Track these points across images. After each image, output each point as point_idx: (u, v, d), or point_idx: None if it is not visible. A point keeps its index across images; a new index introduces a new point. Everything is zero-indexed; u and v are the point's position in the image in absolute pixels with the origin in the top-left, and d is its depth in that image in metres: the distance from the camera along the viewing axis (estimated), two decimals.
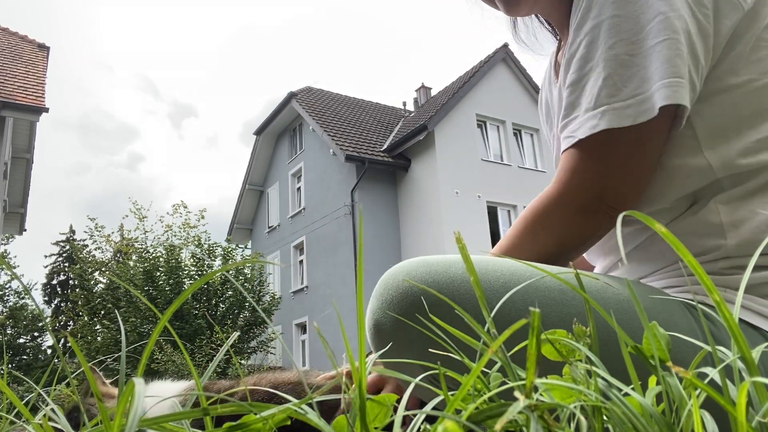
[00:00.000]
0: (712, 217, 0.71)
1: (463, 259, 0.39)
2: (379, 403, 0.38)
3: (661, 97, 0.65)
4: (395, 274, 0.69)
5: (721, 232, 0.70)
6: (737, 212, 0.70)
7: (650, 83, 0.67)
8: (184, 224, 19.06)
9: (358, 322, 0.35)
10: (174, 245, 16.02)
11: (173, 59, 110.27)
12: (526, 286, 0.65)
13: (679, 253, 0.30)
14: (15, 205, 12.94)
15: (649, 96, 0.66)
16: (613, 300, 0.66)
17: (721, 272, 0.70)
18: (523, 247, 0.75)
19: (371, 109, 19.46)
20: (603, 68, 0.70)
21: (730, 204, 0.71)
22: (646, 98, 0.67)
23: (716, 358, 0.34)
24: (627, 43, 0.69)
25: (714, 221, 0.71)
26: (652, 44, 0.67)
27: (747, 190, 0.71)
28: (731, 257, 0.70)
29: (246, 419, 0.35)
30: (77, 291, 24.07)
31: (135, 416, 0.26)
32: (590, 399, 0.32)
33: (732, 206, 0.70)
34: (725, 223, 0.70)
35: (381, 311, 0.68)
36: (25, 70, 11.11)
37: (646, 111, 0.67)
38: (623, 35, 0.69)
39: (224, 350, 0.44)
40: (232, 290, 14.72)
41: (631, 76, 0.68)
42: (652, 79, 0.66)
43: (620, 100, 0.68)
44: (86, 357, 4.13)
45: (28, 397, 0.53)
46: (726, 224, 0.70)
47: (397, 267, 0.70)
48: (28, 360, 26.92)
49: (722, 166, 0.71)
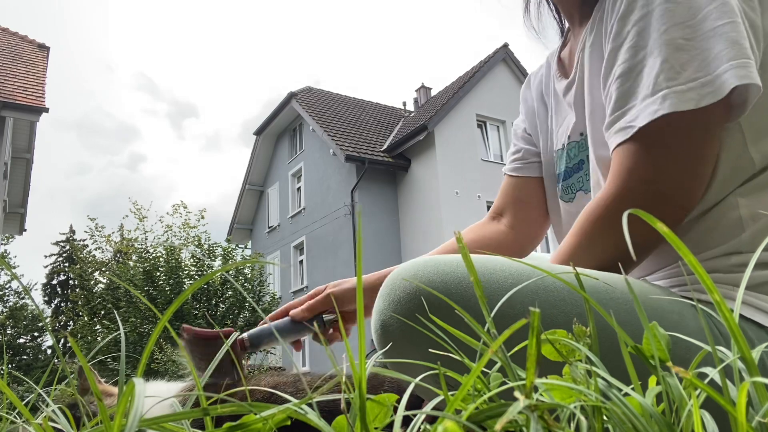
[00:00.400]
0: (732, 211, 0.70)
1: (463, 259, 0.39)
2: (379, 403, 0.38)
3: (732, 77, 0.63)
4: (402, 274, 0.68)
5: (740, 225, 0.70)
6: (756, 204, 0.69)
7: (715, 65, 0.64)
8: (184, 224, 19.08)
9: (358, 322, 0.35)
10: (174, 245, 16.03)
11: (174, 59, 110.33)
12: (534, 286, 0.64)
13: (680, 252, 0.30)
14: (15, 206, 12.95)
15: (713, 79, 0.64)
16: (621, 300, 0.65)
17: (731, 270, 0.70)
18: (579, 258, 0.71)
19: (371, 109, 19.47)
20: (659, 53, 0.67)
21: (749, 196, 0.70)
22: (709, 81, 0.64)
23: (716, 358, 0.34)
24: (683, 27, 0.67)
25: (733, 215, 0.70)
26: (713, 26, 0.65)
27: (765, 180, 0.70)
28: (743, 252, 0.69)
29: (246, 419, 0.35)
30: (77, 291, 24.10)
31: (135, 416, 0.26)
32: (590, 399, 0.32)
33: (751, 198, 0.70)
34: (744, 217, 0.69)
35: (388, 312, 0.67)
36: (25, 70, 11.11)
37: (710, 94, 0.64)
38: (677, 19, 0.67)
39: (224, 350, 0.44)
40: (232, 290, 14.72)
41: (690, 60, 0.66)
42: (717, 61, 0.64)
43: (680, 83, 0.65)
44: (86, 357, 4.12)
45: (29, 398, 0.53)
46: (744, 217, 0.69)
47: (403, 267, 0.70)
48: (28, 360, 26.93)
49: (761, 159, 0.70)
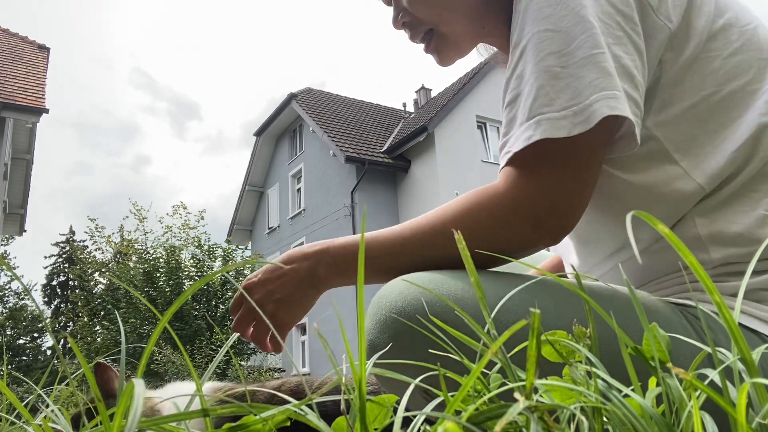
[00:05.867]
0: (689, 231, 0.70)
1: (463, 260, 0.39)
2: (379, 405, 0.38)
3: (604, 107, 0.64)
4: (388, 293, 0.68)
5: (701, 245, 0.70)
6: (715, 224, 0.69)
7: (587, 93, 0.65)
8: (184, 225, 19.07)
9: (358, 323, 0.35)
10: (174, 246, 16.02)
11: (174, 59, 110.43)
12: (532, 291, 0.65)
13: (681, 254, 0.30)
14: (15, 206, 12.94)
15: (584, 108, 0.65)
16: (613, 304, 0.66)
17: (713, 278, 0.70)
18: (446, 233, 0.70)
19: (371, 110, 19.47)
20: (535, 80, 0.68)
21: (707, 216, 0.70)
22: (581, 110, 0.65)
23: (716, 360, 0.34)
24: (559, 55, 0.67)
25: (691, 234, 0.70)
26: (587, 54, 0.66)
27: (720, 199, 0.70)
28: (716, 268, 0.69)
29: (246, 420, 0.35)
30: (77, 292, 24.09)
31: (135, 417, 0.26)
32: (590, 400, 0.32)
33: (708, 218, 0.70)
34: (703, 236, 0.70)
35: (375, 332, 0.67)
36: (25, 71, 11.12)
37: (582, 123, 0.64)
38: (554, 48, 0.68)
39: (224, 351, 0.44)
40: (232, 291, 14.71)
41: (565, 87, 0.66)
42: (589, 89, 0.65)
43: (555, 110, 0.66)
44: (86, 358, 4.16)
45: (28, 399, 0.53)
46: (705, 237, 0.70)
47: (389, 285, 0.69)
48: (28, 361, 26.92)
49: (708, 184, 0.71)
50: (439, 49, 0.93)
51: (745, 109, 0.72)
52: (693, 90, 0.72)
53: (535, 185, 0.68)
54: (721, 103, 0.72)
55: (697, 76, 0.72)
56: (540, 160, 0.68)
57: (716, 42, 0.73)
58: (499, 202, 0.70)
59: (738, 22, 0.75)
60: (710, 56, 0.72)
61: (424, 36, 0.93)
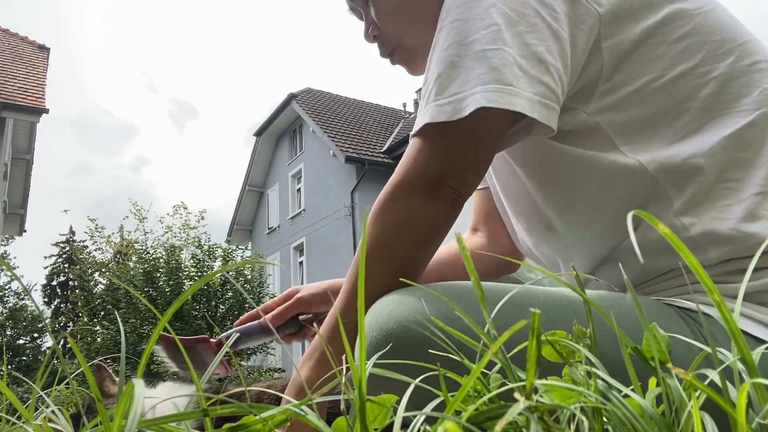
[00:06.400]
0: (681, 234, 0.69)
1: (464, 260, 0.39)
2: (379, 405, 0.38)
3: (480, 99, 0.67)
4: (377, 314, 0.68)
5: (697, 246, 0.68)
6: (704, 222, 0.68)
7: (471, 85, 0.68)
8: (184, 225, 19.07)
9: (358, 323, 0.35)
10: (174, 246, 16.02)
11: (175, 59, 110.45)
12: (529, 296, 0.65)
13: (681, 253, 0.30)
14: (15, 206, 12.95)
15: (465, 96, 0.68)
16: (614, 307, 0.65)
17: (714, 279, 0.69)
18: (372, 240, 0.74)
19: (371, 110, 19.48)
20: (436, 67, 0.73)
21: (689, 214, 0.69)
22: (463, 98, 0.68)
23: (716, 360, 0.34)
24: (458, 45, 0.71)
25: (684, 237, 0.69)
26: (481, 49, 0.69)
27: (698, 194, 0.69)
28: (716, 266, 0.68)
29: (245, 420, 0.35)
30: (77, 292, 24.09)
31: (135, 417, 0.26)
32: (590, 400, 0.32)
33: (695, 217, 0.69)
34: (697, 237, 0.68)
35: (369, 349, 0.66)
36: (25, 71, 11.12)
37: (461, 110, 0.68)
38: (456, 38, 0.72)
39: (224, 351, 0.44)
40: (232, 291, 14.72)
41: (457, 77, 0.70)
42: (473, 82, 0.68)
43: (443, 98, 0.70)
44: (86, 358, 4.13)
45: (29, 400, 0.53)
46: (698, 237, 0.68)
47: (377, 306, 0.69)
48: (28, 361, 26.92)
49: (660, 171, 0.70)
50: (406, 60, 0.98)
51: (695, 92, 0.71)
52: (635, 76, 0.72)
53: (423, 158, 0.73)
54: (665, 87, 0.72)
55: (640, 62, 0.73)
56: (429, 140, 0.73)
57: (663, 28, 0.73)
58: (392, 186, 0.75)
59: (688, 5, 0.75)
60: (655, 41, 0.73)
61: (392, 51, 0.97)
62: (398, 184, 0.74)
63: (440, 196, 0.73)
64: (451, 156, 0.73)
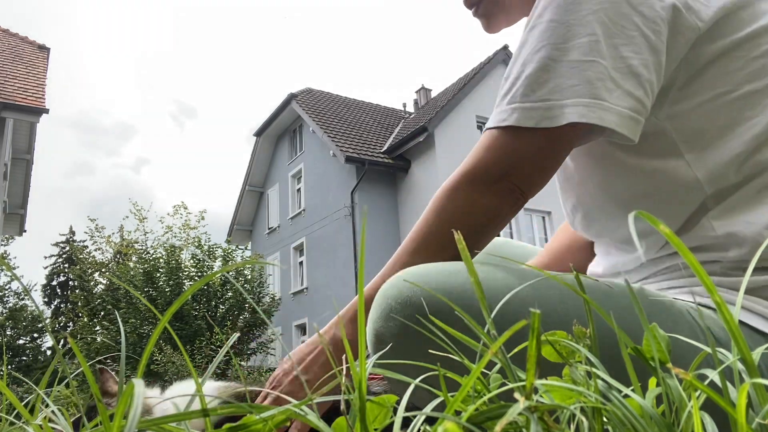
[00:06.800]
0: (707, 233, 0.71)
1: (464, 260, 0.39)
2: (379, 405, 0.38)
3: (574, 113, 0.67)
4: (395, 283, 0.68)
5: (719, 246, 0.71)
6: (733, 225, 0.70)
7: (565, 95, 0.68)
8: (184, 225, 19.08)
9: (358, 323, 0.35)
10: (174, 246, 16.02)
11: (175, 59, 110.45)
12: (534, 288, 0.64)
13: (680, 252, 0.30)
14: (15, 206, 12.94)
15: (557, 105, 0.68)
16: (618, 304, 0.65)
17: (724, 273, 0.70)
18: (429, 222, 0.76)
19: (371, 110, 19.47)
20: (527, 65, 0.72)
21: (723, 218, 0.71)
22: (553, 106, 0.68)
23: (716, 360, 0.34)
24: (554, 48, 0.71)
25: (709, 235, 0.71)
26: (578, 59, 0.69)
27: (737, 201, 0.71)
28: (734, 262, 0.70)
29: (246, 420, 0.35)
30: (77, 292, 24.09)
31: (135, 417, 0.26)
32: (590, 400, 0.32)
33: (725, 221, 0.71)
34: (721, 236, 0.70)
35: (380, 321, 0.67)
36: (25, 72, 11.12)
37: (550, 119, 0.68)
38: (552, 40, 0.71)
39: (224, 351, 0.44)
40: (232, 291, 14.71)
41: (548, 81, 0.70)
42: (567, 92, 0.68)
43: (531, 100, 0.70)
44: (86, 358, 4.08)
45: (28, 399, 0.53)
46: (722, 237, 0.70)
47: (397, 276, 0.70)
48: (27, 361, 26.92)
49: (709, 180, 0.71)
50: (488, 13, 0.95)
51: (762, 111, 0.72)
52: (709, 87, 0.72)
53: (494, 154, 0.74)
54: (735, 102, 0.72)
55: (716, 73, 0.72)
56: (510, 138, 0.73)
57: (747, 43, 0.73)
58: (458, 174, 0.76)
59: None
60: (735, 56, 0.72)
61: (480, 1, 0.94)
62: (465, 174, 0.75)
63: (503, 192, 0.74)
64: (525, 157, 0.73)
